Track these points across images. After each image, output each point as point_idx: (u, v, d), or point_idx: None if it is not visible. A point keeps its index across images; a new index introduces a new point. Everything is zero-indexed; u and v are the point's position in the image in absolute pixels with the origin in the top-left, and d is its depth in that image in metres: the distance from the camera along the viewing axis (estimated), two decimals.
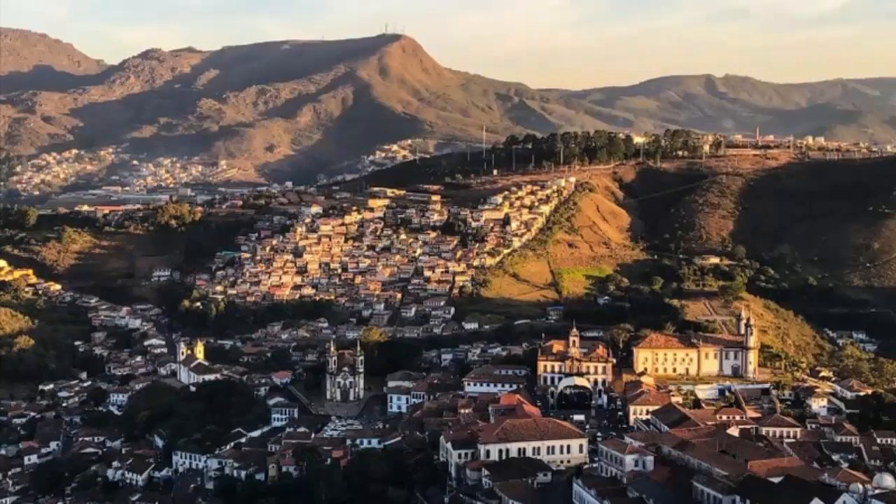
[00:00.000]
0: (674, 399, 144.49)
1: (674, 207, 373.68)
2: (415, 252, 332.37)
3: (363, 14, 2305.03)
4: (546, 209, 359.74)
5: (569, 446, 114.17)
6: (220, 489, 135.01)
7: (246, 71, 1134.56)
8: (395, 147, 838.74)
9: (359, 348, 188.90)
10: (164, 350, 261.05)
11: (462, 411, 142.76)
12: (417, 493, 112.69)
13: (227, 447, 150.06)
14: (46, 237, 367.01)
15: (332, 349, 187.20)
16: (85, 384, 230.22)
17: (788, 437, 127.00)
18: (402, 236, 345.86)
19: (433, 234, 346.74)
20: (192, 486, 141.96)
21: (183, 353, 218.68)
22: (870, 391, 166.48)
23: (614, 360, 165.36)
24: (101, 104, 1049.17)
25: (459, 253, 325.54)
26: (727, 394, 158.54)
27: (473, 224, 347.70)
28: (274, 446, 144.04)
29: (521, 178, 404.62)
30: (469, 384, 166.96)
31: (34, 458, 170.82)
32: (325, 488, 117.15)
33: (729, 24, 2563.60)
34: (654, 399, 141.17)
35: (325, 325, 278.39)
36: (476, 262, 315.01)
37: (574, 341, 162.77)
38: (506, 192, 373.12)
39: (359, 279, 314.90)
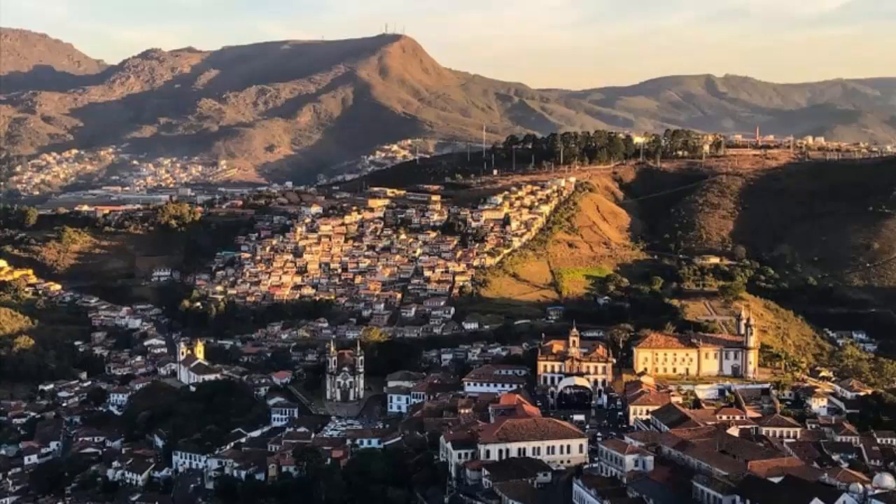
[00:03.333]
0: (674, 399, 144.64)
1: (674, 207, 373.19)
2: (415, 252, 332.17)
3: (363, 14, 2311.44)
4: (546, 209, 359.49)
5: (569, 446, 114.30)
6: (220, 489, 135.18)
7: (246, 71, 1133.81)
8: (395, 147, 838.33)
9: (359, 348, 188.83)
10: (164, 350, 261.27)
11: (462, 411, 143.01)
12: (417, 493, 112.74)
13: (227, 447, 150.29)
14: (46, 237, 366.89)
15: (332, 349, 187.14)
16: (85, 384, 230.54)
17: (788, 437, 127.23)
18: (402, 236, 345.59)
19: (433, 234, 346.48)
20: (192, 486, 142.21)
21: (183, 353, 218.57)
22: (870, 391, 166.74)
23: (614, 360, 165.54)
24: (101, 104, 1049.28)
25: (459, 253, 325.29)
26: (727, 394, 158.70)
27: (473, 224, 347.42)
28: (274, 446, 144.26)
29: (521, 178, 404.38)
30: (469, 384, 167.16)
31: (34, 458, 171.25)
32: (325, 488, 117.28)
33: (729, 24, 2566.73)
34: (654, 399, 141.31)
35: (325, 325, 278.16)
36: (476, 262, 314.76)
37: (574, 341, 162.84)
38: (506, 192, 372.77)
39: (359, 279, 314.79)
